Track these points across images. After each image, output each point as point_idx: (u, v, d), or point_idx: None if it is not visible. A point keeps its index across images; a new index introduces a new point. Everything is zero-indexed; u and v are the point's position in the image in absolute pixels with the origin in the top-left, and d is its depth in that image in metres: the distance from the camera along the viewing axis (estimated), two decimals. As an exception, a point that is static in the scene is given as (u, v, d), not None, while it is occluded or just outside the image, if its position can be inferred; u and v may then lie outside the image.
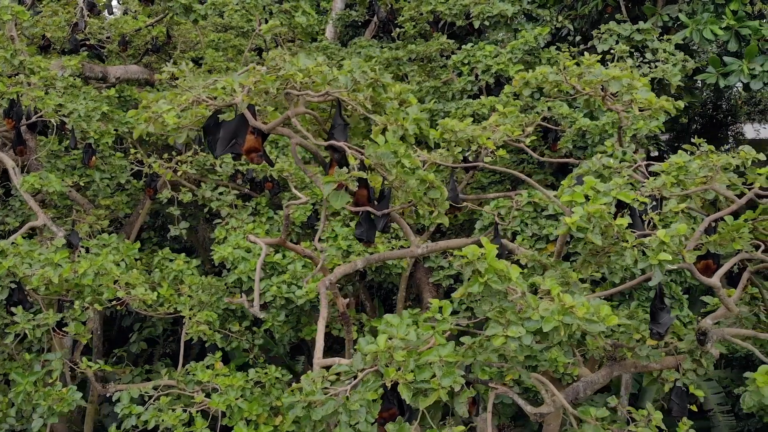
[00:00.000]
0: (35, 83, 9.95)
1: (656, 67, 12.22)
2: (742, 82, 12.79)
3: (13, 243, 9.10)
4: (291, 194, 11.08)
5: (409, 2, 15.00)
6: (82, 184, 10.96)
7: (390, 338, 5.48)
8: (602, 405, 12.38)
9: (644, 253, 5.60)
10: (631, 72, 7.49)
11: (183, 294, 10.41)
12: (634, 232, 5.96)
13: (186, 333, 9.77)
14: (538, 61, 11.98)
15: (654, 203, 6.27)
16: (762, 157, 6.43)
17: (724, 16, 12.97)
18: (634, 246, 5.66)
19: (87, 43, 13.46)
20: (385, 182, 6.56)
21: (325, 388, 5.43)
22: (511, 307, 5.49)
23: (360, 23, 17.89)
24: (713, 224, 7.42)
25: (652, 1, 14.35)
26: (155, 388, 9.37)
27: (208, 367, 9.55)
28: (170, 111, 5.78)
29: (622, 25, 13.11)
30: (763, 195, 6.36)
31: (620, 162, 8.20)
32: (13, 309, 8.85)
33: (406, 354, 5.32)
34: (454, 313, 9.52)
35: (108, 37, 14.74)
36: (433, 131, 6.66)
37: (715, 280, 6.52)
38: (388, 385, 5.21)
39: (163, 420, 8.68)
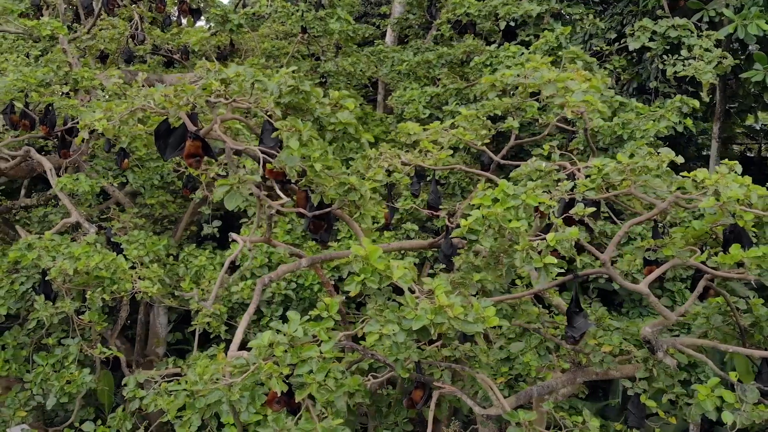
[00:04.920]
0: (69, 93, 10.83)
1: (689, 64, 11.73)
2: (790, 79, 12.01)
3: (40, 237, 10.06)
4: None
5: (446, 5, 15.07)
6: (116, 185, 11.85)
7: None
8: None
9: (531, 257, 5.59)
10: (587, 73, 7.34)
11: (202, 288, 11.07)
12: (539, 236, 5.93)
13: (192, 324, 10.41)
14: (558, 62, 11.76)
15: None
16: (681, 159, 6.17)
17: (773, 10, 12.22)
18: (524, 249, 5.65)
19: (136, 54, 14.44)
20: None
21: (217, 379, 5.78)
22: (393, 306, 5.63)
23: (419, 26, 18.04)
24: (664, 228, 7.19)
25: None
26: (162, 376, 10.04)
27: (211, 358, 10.11)
28: (101, 119, 6.29)
29: (659, 22, 12.62)
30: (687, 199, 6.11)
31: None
32: (36, 297, 9.79)
33: (289, 349, 5.58)
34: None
35: (170, 48, 15.76)
36: (367, 135, 6.85)
37: (642, 286, 6.33)
38: (263, 378, 5.49)
39: (158, 404, 9.30)
